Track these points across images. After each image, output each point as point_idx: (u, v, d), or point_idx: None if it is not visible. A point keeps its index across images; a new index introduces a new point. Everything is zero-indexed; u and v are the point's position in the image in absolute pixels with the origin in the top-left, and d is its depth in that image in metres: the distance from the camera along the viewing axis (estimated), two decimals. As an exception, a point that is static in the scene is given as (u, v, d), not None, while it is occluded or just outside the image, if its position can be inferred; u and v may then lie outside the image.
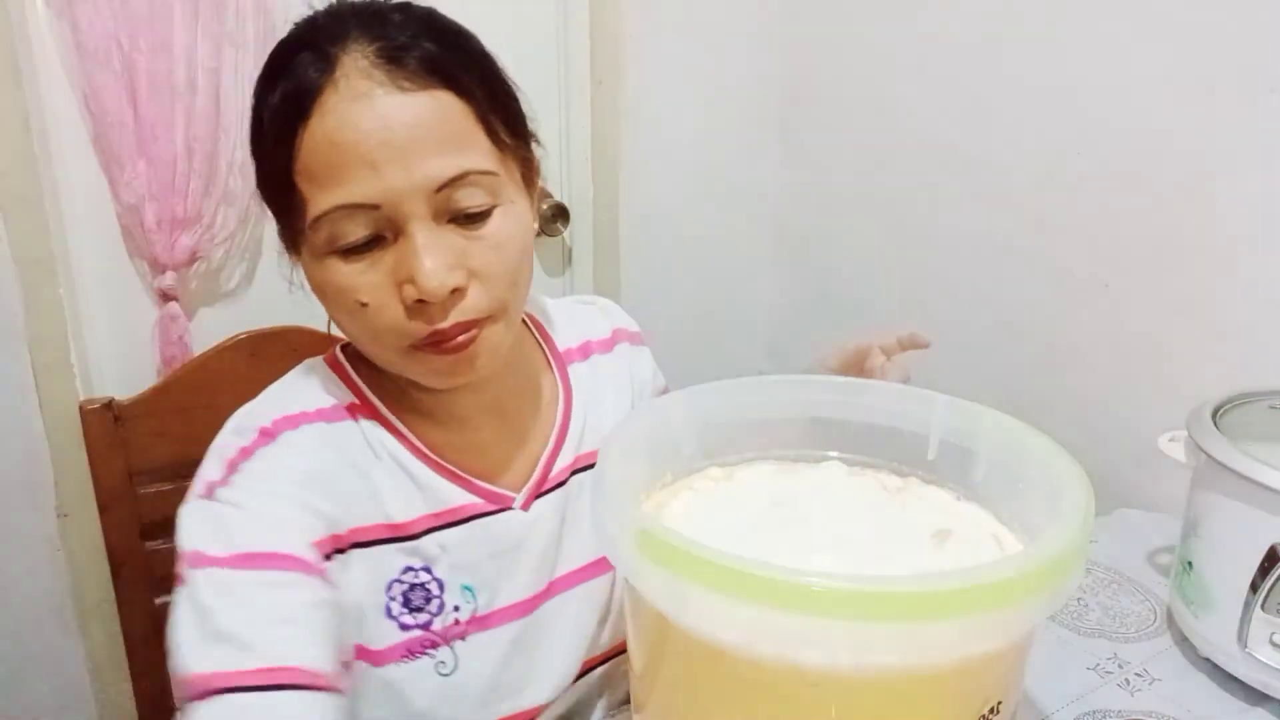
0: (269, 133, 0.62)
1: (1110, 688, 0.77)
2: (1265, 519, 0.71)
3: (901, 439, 0.67)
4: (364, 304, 0.62)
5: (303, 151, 0.60)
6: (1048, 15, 1.17)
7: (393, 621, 0.68)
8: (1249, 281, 1.02)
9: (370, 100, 0.59)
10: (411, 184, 0.60)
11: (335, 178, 0.59)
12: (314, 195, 0.60)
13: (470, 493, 0.72)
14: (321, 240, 0.61)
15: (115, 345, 1.22)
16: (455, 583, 0.70)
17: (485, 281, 0.63)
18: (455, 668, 0.70)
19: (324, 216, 0.60)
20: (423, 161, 0.60)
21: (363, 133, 0.59)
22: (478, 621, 0.71)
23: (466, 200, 0.62)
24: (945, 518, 0.62)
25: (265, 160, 0.63)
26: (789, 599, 0.43)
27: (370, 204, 0.60)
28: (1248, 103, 0.99)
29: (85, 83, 1.09)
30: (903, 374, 0.81)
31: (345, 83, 0.59)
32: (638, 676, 0.58)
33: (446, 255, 0.61)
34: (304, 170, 0.60)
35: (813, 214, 1.61)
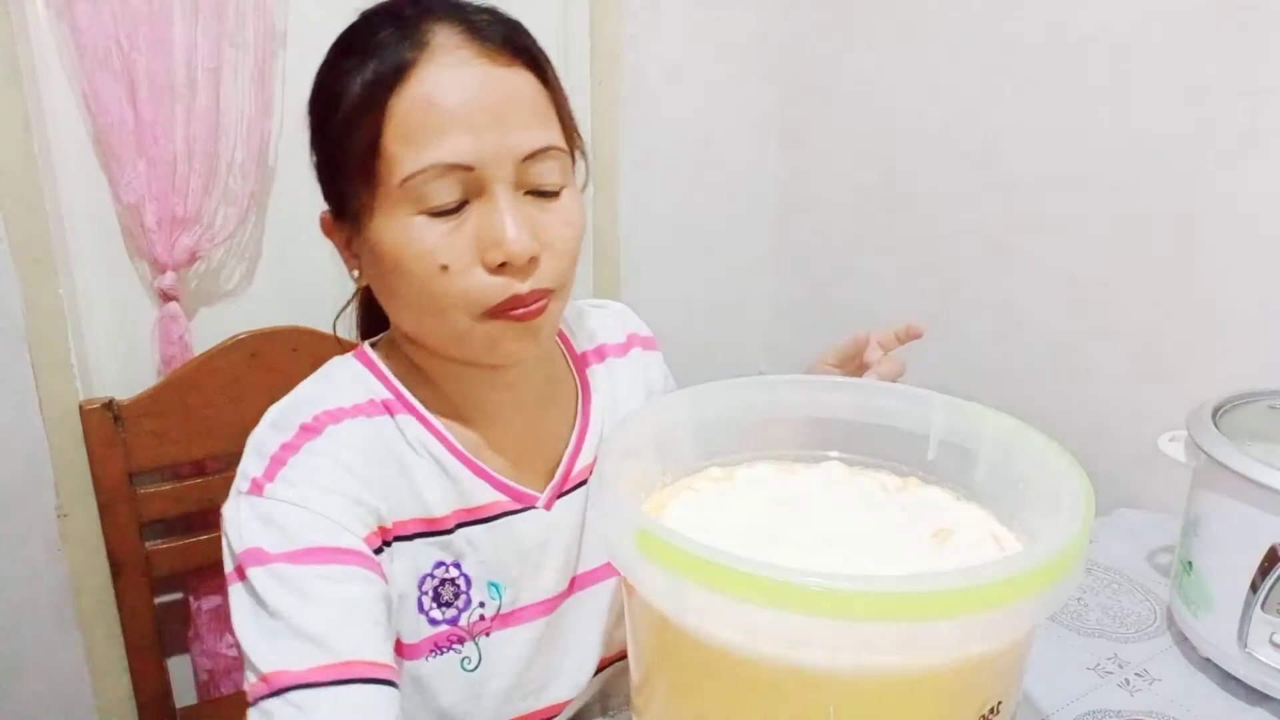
0: (357, 102, 0.63)
1: (1110, 688, 0.77)
2: (1265, 519, 0.71)
3: (901, 439, 0.67)
4: (445, 266, 0.63)
5: (397, 114, 0.62)
6: (1048, 16, 1.17)
7: (423, 616, 0.69)
8: (1249, 281, 1.02)
9: (467, 68, 0.63)
10: (504, 149, 0.63)
11: (433, 138, 0.62)
12: (408, 155, 0.62)
13: (498, 490, 0.72)
14: (410, 201, 0.63)
15: (115, 345, 1.22)
16: (482, 579, 0.72)
17: (554, 254, 0.66)
18: (480, 663, 0.71)
19: (418, 175, 0.62)
20: (514, 130, 0.63)
21: (461, 97, 0.62)
22: (502, 619, 0.72)
23: (544, 175, 0.65)
24: (945, 518, 0.62)
25: (346, 128, 0.64)
26: (789, 599, 0.43)
27: (465, 165, 0.62)
28: (1247, 103, 0.99)
29: (85, 83, 1.09)
30: (898, 367, 0.81)
31: (441, 52, 0.63)
32: (637, 676, 0.58)
33: (527, 223, 0.64)
34: (398, 133, 0.62)
35: (813, 214, 1.61)
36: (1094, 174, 1.15)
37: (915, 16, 1.35)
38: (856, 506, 0.64)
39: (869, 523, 0.62)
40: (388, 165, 0.63)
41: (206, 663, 1.29)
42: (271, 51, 1.18)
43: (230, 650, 1.29)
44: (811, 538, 0.59)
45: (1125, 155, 1.11)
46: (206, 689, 1.30)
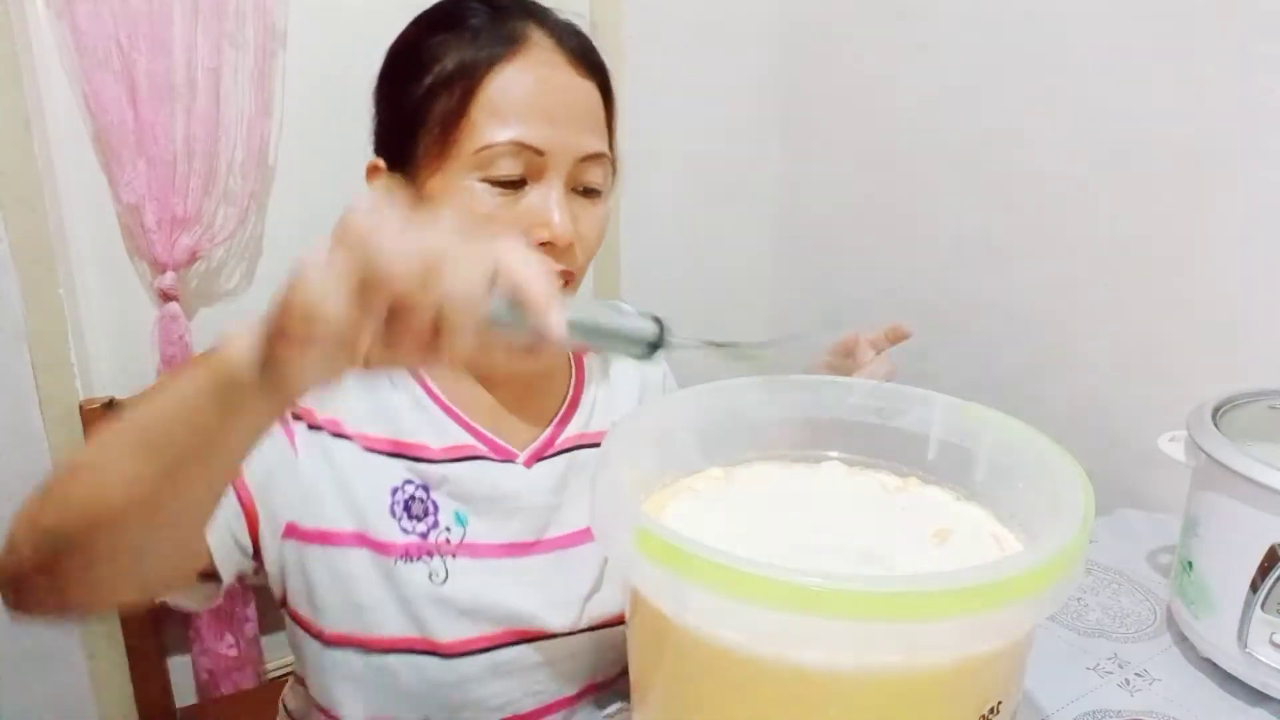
0: (452, 71, 0.71)
1: (1110, 688, 0.77)
2: (1265, 519, 0.71)
3: (901, 439, 0.67)
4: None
5: (490, 90, 0.70)
6: (1048, 16, 1.17)
7: (395, 521, 0.73)
8: (1249, 281, 1.02)
9: (557, 69, 0.72)
10: (571, 145, 0.72)
11: (517, 118, 0.70)
12: (490, 127, 0.70)
13: (477, 440, 0.77)
14: (478, 167, 0.70)
15: (115, 345, 1.22)
16: (449, 508, 0.75)
17: (583, 247, 0.75)
18: (446, 580, 0.74)
19: (494, 146, 0.70)
20: (582, 132, 0.73)
21: (549, 91, 0.71)
22: (467, 547, 0.75)
23: (592, 177, 0.74)
24: (945, 518, 0.62)
25: (432, 94, 0.71)
26: (789, 599, 0.43)
27: (537, 148, 0.70)
28: (1246, 103, 0.99)
29: (85, 83, 1.09)
30: (890, 367, 0.84)
31: (537, 50, 0.72)
32: (637, 676, 0.58)
33: (569, 213, 0.72)
34: (486, 105, 0.70)
35: (813, 214, 1.61)
36: (1094, 174, 1.15)
37: (915, 17, 1.35)
38: (857, 507, 0.64)
39: (869, 523, 0.62)
40: (468, 132, 0.70)
41: (206, 663, 1.29)
42: (271, 51, 1.18)
43: (230, 650, 1.30)
44: (812, 538, 0.59)
45: (1125, 155, 1.11)
46: (206, 689, 1.30)
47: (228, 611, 1.28)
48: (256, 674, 1.34)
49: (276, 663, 1.38)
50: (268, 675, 1.36)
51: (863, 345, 0.86)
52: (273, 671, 1.37)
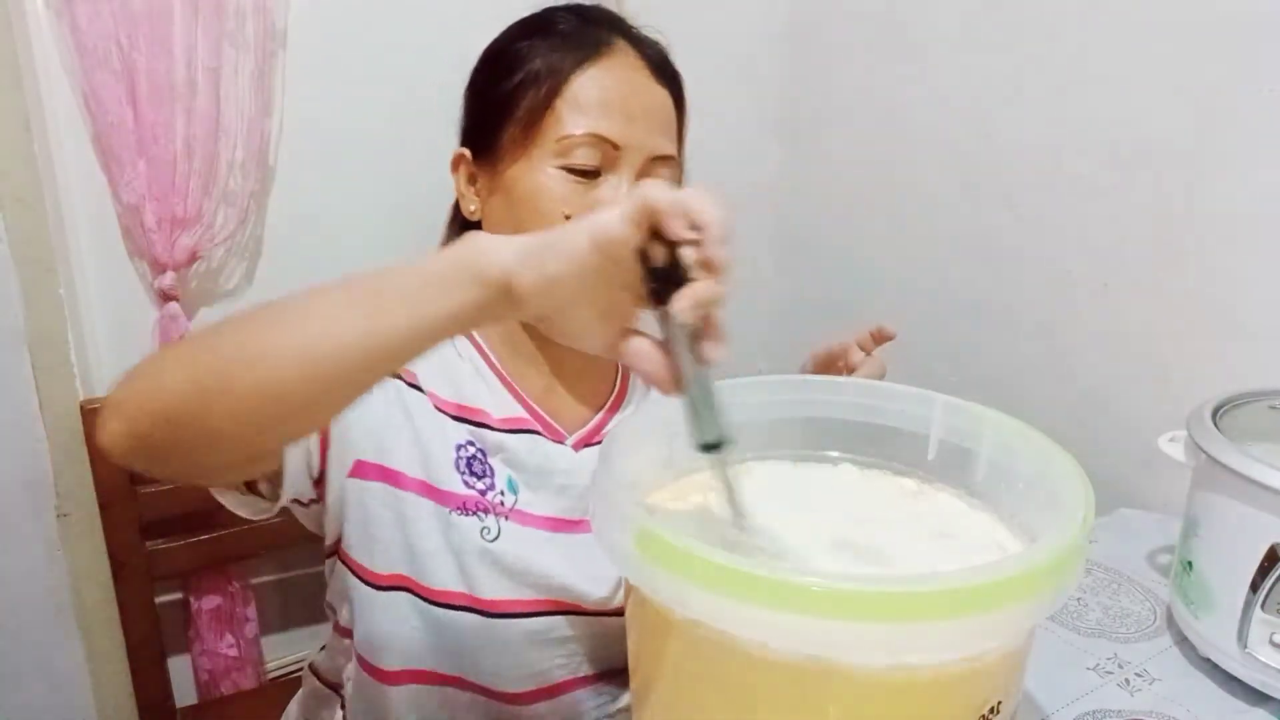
0: (542, 69, 0.78)
1: (1110, 688, 0.77)
2: (1265, 519, 0.71)
3: (901, 439, 0.67)
4: (568, 215, 0.75)
5: (574, 86, 0.77)
6: (1048, 15, 1.17)
7: (458, 475, 0.78)
8: (1249, 281, 1.02)
9: (637, 73, 0.79)
10: (645, 143, 0.78)
11: (599, 112, 0.76)
12: (572, 119, 0.76)
13: (533, 417, 0.82)
14: (558, 155, 0.76)
15: (115, 345, 1.22)
16: (504, 474, 0.80)
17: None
18: (497, 537, 0.78)
19: (574, 136, 0.76)
20: (655, 133, 0.79)
21: (628, 92, 0.78)
22: (517, 514, 0.79)
23: (662, 177, 0.78)
24: (947, 518, 0.62)
25: (521, 90, 0.78)
26: (789, 599, 0.43)
27: (615, 142, 0.76)
28: (1247, 103, 0.99)
29: (85, 83, 1.08)
30: (881, 368, 0.88)
31: (620, 56, 0.79)
32: (638, 676, 0.58)
33: None
34: (571, 100, 0.76)
35: (813, 214, 1.61)
36: (1094, 174, 1.15)
37: (915, 17, 1.35)
38: (858, 507, 0.64)
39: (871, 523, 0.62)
40: (552, 123, 0.76)
41: (206, 663, 1.29)
42: (271, 51, 1.18)
43: (230, 650, 1.30)
44: (813, 539, 0.59)
45: (1125, 155, 1.11)
46: (206, 689, 1.30)
47: (228, 611, 1.28)
48: (256, 674, 1.34)
49: (276, 663, 1.38)
50: (268, 675, 1.36)
51: (852, 348, 0.89)
52: (273, 671, 1.37)
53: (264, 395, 0.51)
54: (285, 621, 1.38)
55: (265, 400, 0.51)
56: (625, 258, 0.48)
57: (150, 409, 0.53)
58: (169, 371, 0.53)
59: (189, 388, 0.52)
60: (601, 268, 0.48)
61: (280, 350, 0.51)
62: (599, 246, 0.48)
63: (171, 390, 0.52)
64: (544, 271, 0.49)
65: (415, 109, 1.18)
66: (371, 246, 1.31)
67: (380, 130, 1.29)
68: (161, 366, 0.55)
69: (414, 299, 0.51)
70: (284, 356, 0.51)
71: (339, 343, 0.51)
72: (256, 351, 0.51)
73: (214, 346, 0.53)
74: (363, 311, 0.51)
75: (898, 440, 0.67)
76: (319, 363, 0.51)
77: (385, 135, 1.29)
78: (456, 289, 0.50)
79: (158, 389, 0.53)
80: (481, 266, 0.50)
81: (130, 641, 1.17)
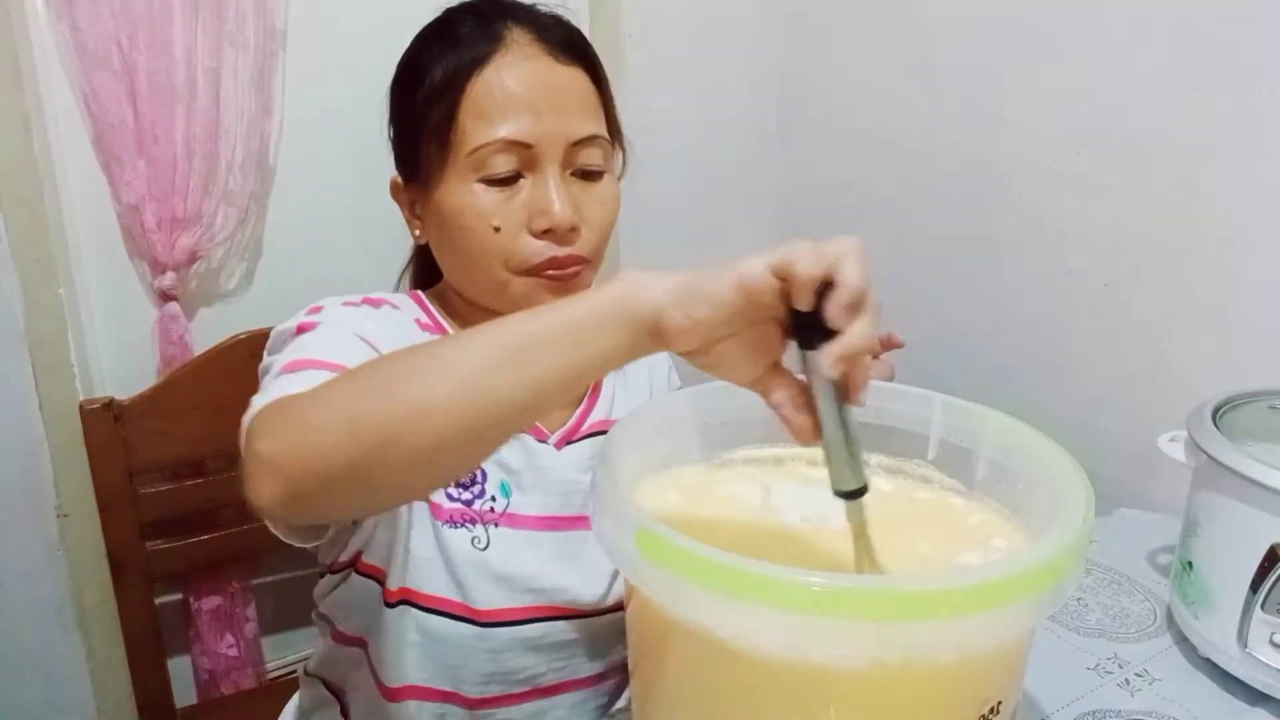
0: (439, 83, 0.75)
1: (1110, 688, 0.77)
2: (1265, 519, 0.71)
3: (901, 439, 0.67)
4: (497, 228, 0.73)
5: (473, 95, 0.73)
6: (1048, 15, 1.17)
7: (442, 489, 0.76)
8: (1249, 281, 1.02)
9: (534, 62, 0.74)
10: (558, 133, 0.74)
11: (501, 117, 0.73)
12: (478, 130, 0.73)
13: None
14: (473, 169, 0.73)
15: (115, 345, 1.22)
16: (495, 477, 0.79)
17: (590, 228, 0.76)
18: (487, 546, 0.77)
19: (484, 147, 0.73)
20: (570, 117, 0.75)
21: (530, 85, 0.73)
22: (508, 517, 0.79)
23: (589, 159, 0.76)
24: (947, 518, 0.62)
25: (427, 104, 0.75)
26: (789, 599, 0.43)
27: (524, 142, 0.73)
28: (1247, 102, 0.99)
29: (85, 83, 1.08)
30: (888, 370, 0.88)
31: (515, 47, 0.74)
32: (638, 676, 0.58)
33: (570, 198, 0.74)
34: (472, 109, 0.73)
35: (813, 214, 1.61)
36: (1094, 174, 1.15)
37: (915, 16, 1.35)
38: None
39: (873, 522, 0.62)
40: (460, 137, 0.73)
41: (206, 663, 1.29)
42: (272, 51, 1.18)
43: (230, 650, 1.29)
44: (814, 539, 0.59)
45: (1125, 155, 1.11)
46: (206, 689, 1.30)
47: (228, 611, 1.28)
48: (256, 674, 1.34)
49: (276, 663, 1.38)
50: (268, 675, 1.36)
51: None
52: (273, 671, 1.37)
53: (429, 450, 0.51)
54: (285, 621, 1.38)
55: (430, 455, 0.51)
56: (770, 303, 0.49)
57: (311, 469, 0.51)
58: (329, 429, 0.52)
59: (353, 446, 0.50)
60: (746, 310, 0.49)
61: (444, 406, 0.50)
62: (744, 292, 0.49)
63: (334, 449, 0.51)
64: (691, 314, 0.49)
65: (415, 109, 1.18)
66: (371, 246, 1.30)
67: (380, 130, 1.29)
68: (319, 421, 0.52)
69: (570, 342, 0.51)
70: (448, 412, 0.50)
71: (501, 395, 0.51)
72: (419, 407, 0.50)
73: (372, 402, 0.51)
74: (521, 360, 0.51)
75: (898, 440, 0.67)
76: (482, 416, 0.51)
77: (385, 135, 1.29)
78: (612, 330, 0.51)
79: (317, 448, 0.51)
80: (633, 306, 0.50)
81: (130, 641, 1.17)
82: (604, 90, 0.80)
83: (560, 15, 0.80)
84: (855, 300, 0.49)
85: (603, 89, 0.80)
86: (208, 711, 1.28)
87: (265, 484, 0.52)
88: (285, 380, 0.62)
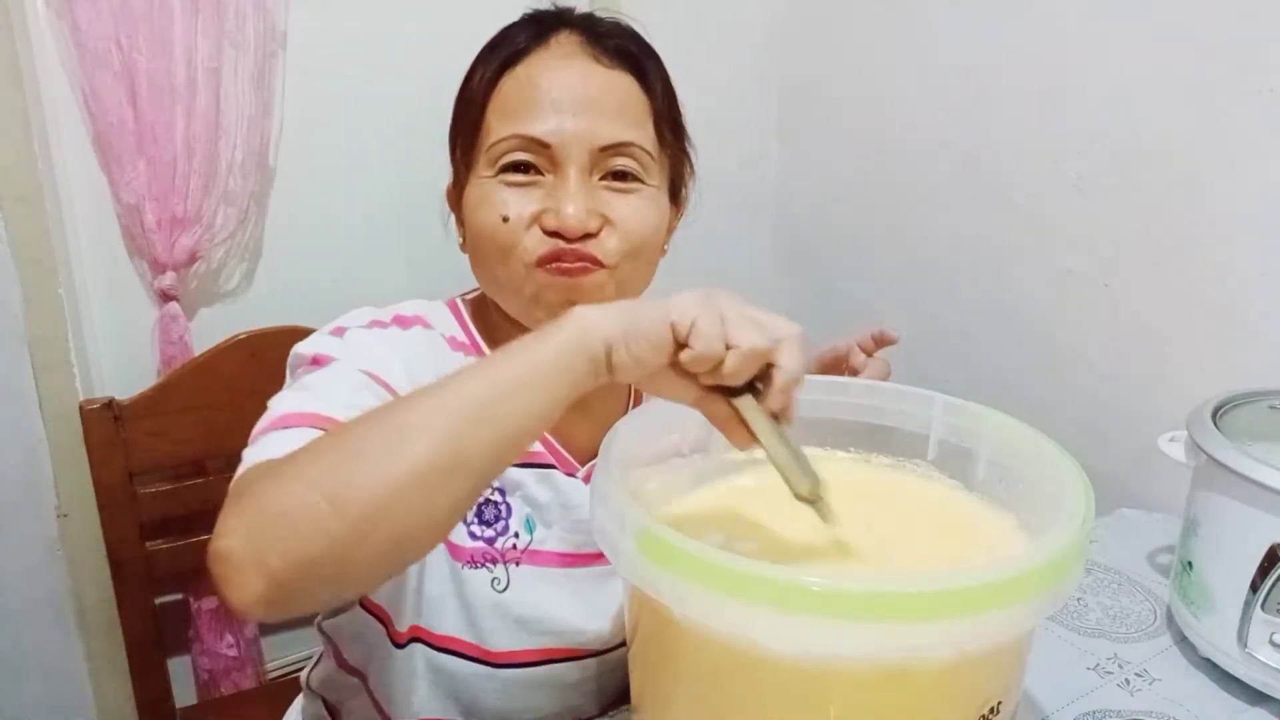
0: (477, 85, 0.74)
1: (1110, 688, 0.77)
2: (1265, 519, 0.71)
3: (901, 439, 0.67)
4: (505, 218, 0.71)
5: (502, 92, 0.72)
6: (1048, 15, 1.17)
7: (465, 527, 0.74)
8: (1249, 281, 1.02)
9: (572, 60, 0.72)
10: (582, 134, 0.70)
11: (522, 113, 0.71)
12: (499, 125, 0.72)
13: (546, 450, 0.78)
14: (492, 164, 0.72)
15: (115, 345, 1.22)
16: (521, 513, 0.77)
17: (617, 230, 0.72)
18: (507, 587, 0.75)
19: (501, 142, 0.71)
20: (598, 121, 0.71)
21: (557, 82, 0.71)
22: (531, 554, 0.76)
23: (623, 165, 0.73)
24: (946, 518, 0.62)
25: (463, 105, 0.75)
26: (789, 599, 0.43)
27: (542, 141, 0.70)
28: (1247, 103, 0.99)
29: (85, 83, 1.08)
30: (885, 369, 0.86)
31: (556, 47, 0.73)
32: (638, 676, 0.58)
33: (588, 201, 0.71)
34: (499, 106, 0.72)
35: (813, 214, 1.61)
36: (1093, 173, 1.15)
37: (915, 16, 1.35)
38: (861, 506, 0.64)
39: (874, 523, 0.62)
40: (485, 134, 0.72)
41: (206, 663, 1.29)
42: (272, 51, 1.18)
43: (230, 650, 1.29)
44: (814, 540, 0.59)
45: (1125, 155, 1.11)
46: (206, 689, 1.30)
47: (228, 611, 1.28)
48: (256, 674, 1.34)
49: (276, 663, 1.38)
50: (268, 675, 1.36)
51: (855, 350, 0.88)
52: (273, 672, 1.37)
53: (417, 520, 0.50)
54: (285, 622, 1.38)
55: (418, 525, 0.50)
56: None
57: (297, 559, 0.49)
58: (309, 514, 0.49)
59: (341, 528, 0.48)
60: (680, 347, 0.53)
61: (427, 472, 0.49)
62: (678, 336, 0.53)
63: (321, 536, 0.48)
64: (633, 352, 0.53)
65: (415, 109, 1.17)
66: (371, 246, 1.31)
67: (380, 130, 1.29)
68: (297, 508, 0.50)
69: (538, 385, 0.52)
70: (431, 478, 0.49)
71: (482, 452, 0.51)
72: (402, 480, 0.49)
73: (352, 478, 0.49)
74: (494, 411, 0.51)
75: (898, 440, 0.67)
76: (464, 475, 0.51)
77: (385, 135, 1.29)
78: (577, 365, 0.53)
79: (302, 537, 0.49)
80: (588, 343, 0.53)
81: (130, 641, 1.17)
82: (655, 100, 0.77)
83: (623, 22, 0.78)
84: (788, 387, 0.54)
85: (653, 98, 0.76)
86: (208, 711, 1.28)
87: (251, 582, 0.49)
88: (275, 439, 0.60)
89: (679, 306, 0.53)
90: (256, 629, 1.33)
